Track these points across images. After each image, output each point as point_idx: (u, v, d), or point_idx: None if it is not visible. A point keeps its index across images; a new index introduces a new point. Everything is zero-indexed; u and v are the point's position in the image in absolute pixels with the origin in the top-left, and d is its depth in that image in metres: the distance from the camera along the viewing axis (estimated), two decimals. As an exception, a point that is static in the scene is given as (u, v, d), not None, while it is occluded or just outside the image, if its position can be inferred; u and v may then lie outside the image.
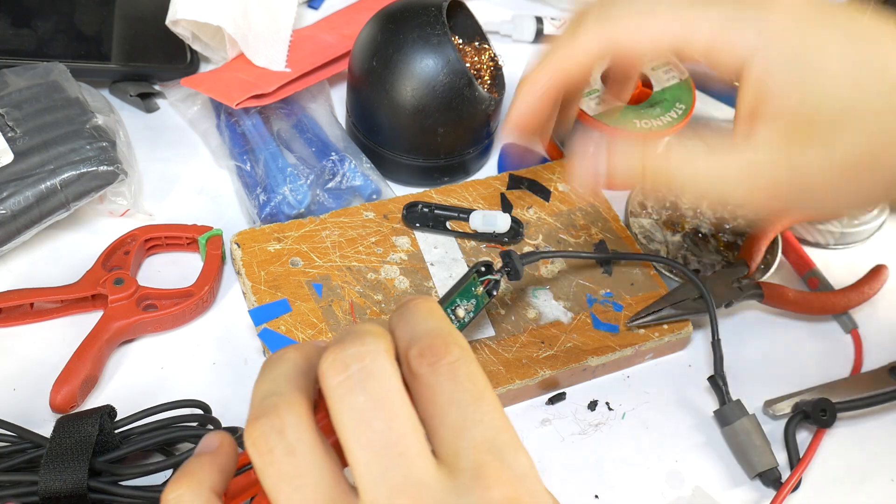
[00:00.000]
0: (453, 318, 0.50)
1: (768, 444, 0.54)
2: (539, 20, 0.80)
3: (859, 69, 0.42)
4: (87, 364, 0.52)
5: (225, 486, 0.35)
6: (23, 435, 0.47)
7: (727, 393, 0.54)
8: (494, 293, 0.51)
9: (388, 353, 0.33)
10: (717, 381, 0.55)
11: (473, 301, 0.50)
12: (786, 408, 0.57)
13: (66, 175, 0.56)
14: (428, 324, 0.35)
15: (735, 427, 0.54)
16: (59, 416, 0.51)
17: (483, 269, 0.50)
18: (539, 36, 0.79)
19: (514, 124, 0.49)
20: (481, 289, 0.51)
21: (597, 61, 0.47)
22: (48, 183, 0.56)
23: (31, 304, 0.55)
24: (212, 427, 0.49)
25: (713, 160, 0.44)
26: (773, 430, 0.56)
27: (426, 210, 0.60)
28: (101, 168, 0.57)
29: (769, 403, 0.57)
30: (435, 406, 0.33)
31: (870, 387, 0.59)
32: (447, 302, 0.49)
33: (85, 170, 0.57)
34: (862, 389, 0.58)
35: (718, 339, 0.56)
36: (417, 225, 0.60)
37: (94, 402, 0.53)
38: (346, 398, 0.32)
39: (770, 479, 0.53)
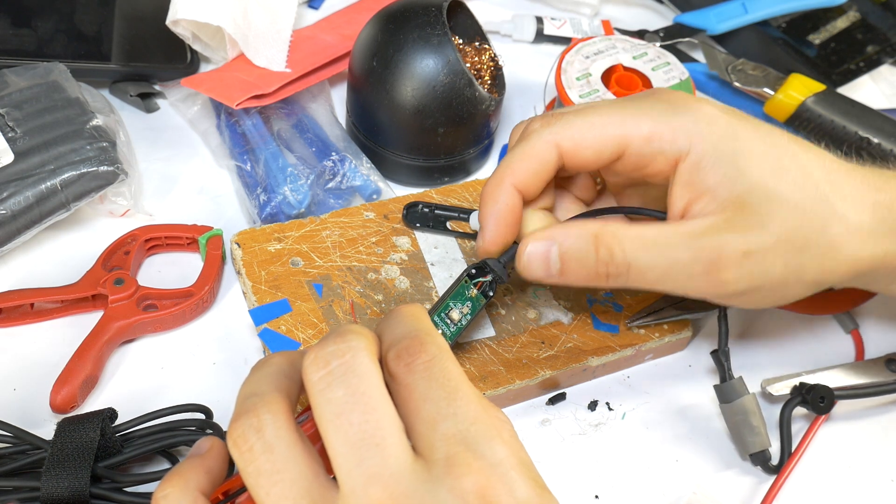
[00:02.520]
0: (448, 321, 0.50)
1: (764, 426, 0.53)
2: (539, 20, 0.80)
3: (778, 161, 0.46)
4: (87, 364, 0.52)
5: (213, 486, 0.37)
6: (22, 437, 0.47)
7: (729, 369, 0.54)
8: (491, 294, 0.51)
9: (367, 351, 0.35)
10: (720, 357, 0.54)
11: (469, 304, 0.50)
12: (783, 388, 0.57)
13: (66, 175, 0.56)
14: (407, 327, 0.36)
15: (734, 405, 0.54)
16: (60, 416, 0.51)
17: (474, 271, 0.51)
18: (539, 36, 0.79)
19: (490, 250, 0.49)
20: (475, 291, 0.51)
21: (546, 166, 0.48)
22: (48, 183, 0.56)
23: (32, 305, 0.55)
24: (212, 431, 0.49)
25: (659, 228, 0.47)
26: (770, 413, 0.56)
27: (426, 210, 0.60)
28: (102, 168, 0.57)
29: (767, 382, 0.57)
30: (411, 403, 0.35)
31: (863, 376, 0.59)
32: (440, 306, 0.50)
33: (85, 170, 0.57)
34: (854, 378, 0.58)
35: (725, 314, 0.54)
36: (418, 225, 0.60)
37: (94, 402, 0.53)
38: (325, 392, 0.34)
39: (760, 459, 0.53)
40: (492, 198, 0.49)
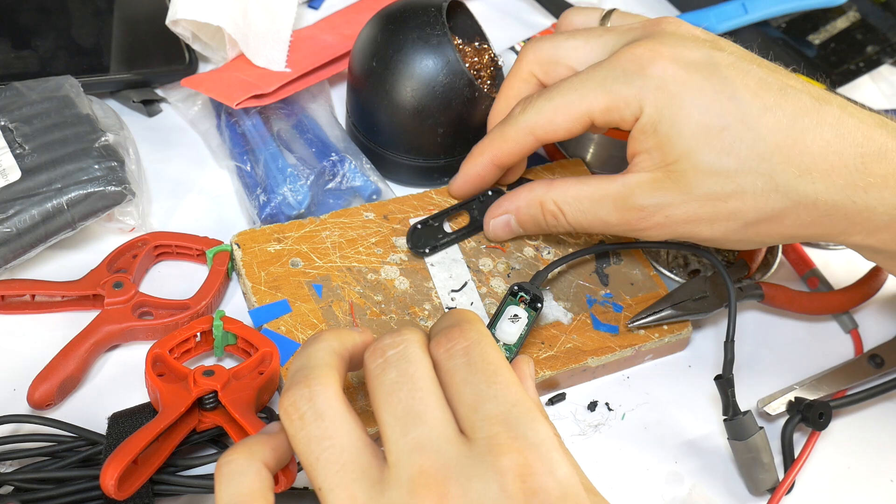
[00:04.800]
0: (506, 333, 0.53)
1: (773, 459, 0.53)
2: (539, 20, 0.80)
3: (719, 133, 0.49)
4: (70, 364, 0.51)
5: (278, 464, 0.38)
6: (80, 434, 0.48)
7: (733, 396, 0.53)
8: (540, 305, 0.54)
9: (419, 343, 0.38)
10: (724, 386, 0.53)
11: (521, 318, 0.53)
12: (780, 406, 0.57)
13: (73, 194, 0.55)
14: (451, 319, 0.39)
15: (747, 443, 0.52)
16: (38, 411, 0.51)
17: (516, 288, 0.54)
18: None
19: (455, 194, 0.61)
20: (522, 306, 0.54)
21: (524, 147, 0.55)
22: (55, 202, 0.55)
23: (33, 296, 0.55)
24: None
25: (594, 187, 0.54)
26: (768, 426, 0.56)
27: (432, 223, 0.60)
28: (109, 188, 0.56)
29: (763, 402, 0.57)
30: (453, 387, 0.37)
31: (851, 377, 0.59)
32: (492, 327, 0.53)
33: (92, 189, 0.56)
34: (842, 381, 0.59)
35: (732, 340, 0.54)
36: (427, 251, 0.59)
37: (73, 403, 0.52)
38: (380, 376, 0.37)
39: (771, 492, 0.53)
40: (474, 162, 0.58)
